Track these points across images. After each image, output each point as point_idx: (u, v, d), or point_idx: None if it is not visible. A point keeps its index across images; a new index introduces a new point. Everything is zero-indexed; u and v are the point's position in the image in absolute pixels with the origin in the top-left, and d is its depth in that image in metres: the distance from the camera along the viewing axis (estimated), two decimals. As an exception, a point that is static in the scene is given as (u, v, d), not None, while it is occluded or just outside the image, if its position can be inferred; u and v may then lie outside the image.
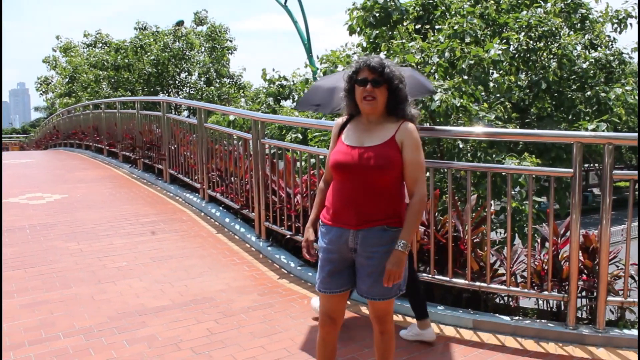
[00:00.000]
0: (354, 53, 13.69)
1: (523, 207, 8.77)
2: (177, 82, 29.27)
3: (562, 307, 3.96)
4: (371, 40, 11.65)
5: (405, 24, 11.57)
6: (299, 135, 11.53)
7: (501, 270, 4.21)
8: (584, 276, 3.91)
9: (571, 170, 3.69)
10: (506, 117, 11.18)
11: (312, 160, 5.30)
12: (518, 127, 11.60)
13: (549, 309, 4.12)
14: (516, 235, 8.52)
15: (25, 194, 8.38)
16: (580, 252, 3.83)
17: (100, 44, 29.39)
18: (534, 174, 4.35)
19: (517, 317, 3.93)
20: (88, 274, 4.95)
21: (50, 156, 15.44)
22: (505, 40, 11.21)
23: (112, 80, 27.54)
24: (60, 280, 4.77)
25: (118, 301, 4.34)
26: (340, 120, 2.79)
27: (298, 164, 5.50)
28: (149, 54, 27.13)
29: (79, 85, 27.06)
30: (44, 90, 30.85)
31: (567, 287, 3.77)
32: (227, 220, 6.53)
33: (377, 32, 11.30)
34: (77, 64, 27.70)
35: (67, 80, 28.40)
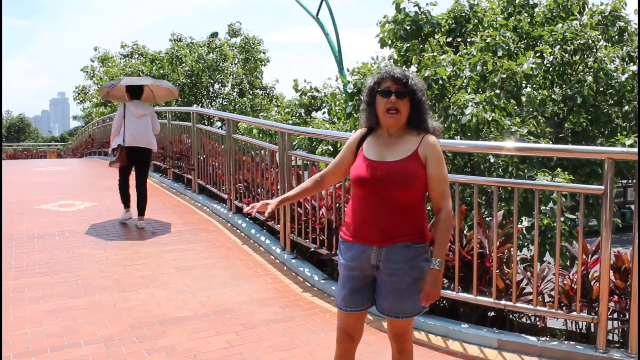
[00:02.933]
0: (385, 65, 13.65)
1: (555, 224, 8.56)
2: (210, 93, 29.59)
3: (592, 329, 3.82)
4: (402, 53, 11.59)
5: (437, 36, 11.48)
6: (330, 147, 11.51)
7: (528, 289, 4.09)
8: (615, 297, 3.76)
9: (602, 187, 3.57)
10: (539, 131, 10.97)
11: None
12: (552, 142, 11.36)
13: (577, 331, 3.98)
14: (547, 252, 8.31)
15: (57, 201, 8.53)
16: (611, 272, 3.69)
17: (137, 55, 29.95)
18: (563, 190, 4.22)
19: (543, 338, 3.80)
20: (112, 281, 4.99)
21: (85, 164, 15.74)
22: (539, 54, 11.04)
23: (147, 91, 27.94)
24: (84, 288, 4.82)
25: (140, 310, 4.35)
26: (359, 132, 2.73)
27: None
28: (183, 64, 27.54)
29: (115, 95, 27.55)
30: (81, 99, 31.53)
31: (597, 308, 3.64)
32: (252, 231, 6.52)
33: (408, 45, 11.24)
34: (114, 74, 28.24)
35: (103, 89, 28.90)
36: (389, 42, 11.68)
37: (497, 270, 3.95)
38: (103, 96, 7.95)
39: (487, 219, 8.30)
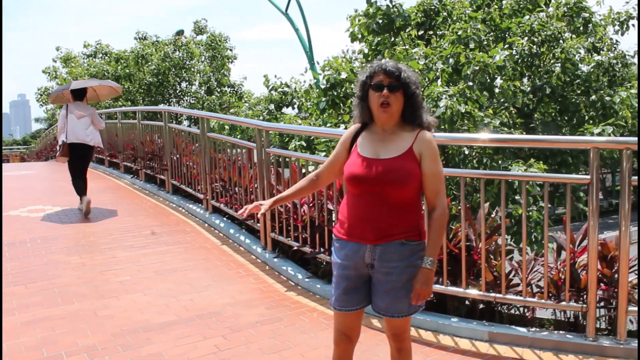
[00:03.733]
0: (356, 59, 13.63)
1: (530, 214, 8.66)
2: (177, 91, 29.20)
3: (581, 318, 3.84)
4: (373, 47, 11.58)
5: (407, 30, 11.49)
6: (303, 143, 11.44)
7: (515, 280, 4.09)
8: (603, 285, 3.78)
9: (588, 176, 3.58)
10: (511, 122, 11.09)
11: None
12: (524, 132, 11.49)
13: (566, 320, 3.99)
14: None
15: (26, 207, 8.28)
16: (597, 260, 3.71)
17: (101, 55, 29.35)
18: (549, 181, 4.21)
19: (534, 329, 3.80)
20: (90, 288, 4.83)
21: (51, 167, 15.33)
22: (508, 46, 11.14)
23: (113, 91, 27.46)
24: (62, 296, 4.65)
25: (122, 317, 4.22)
26: (353, 128, 2.66)
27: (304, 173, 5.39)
28: (149, 63, 27.10)
29: (79, 95, 26.93)
30: (44, 101, 30.79)
31: (585, 297, 3.66)
32: (231, 231, 6.41)
33: (379, 39, 11.22)
34: (78, 75, 27.62)
35: (67, 90, 28.28)
36: (360, 36, 11.66)
37: (485, 263, 3.93)
38: (52, 101, 8.80)
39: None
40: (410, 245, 2.48)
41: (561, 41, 12.24)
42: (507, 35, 12.21)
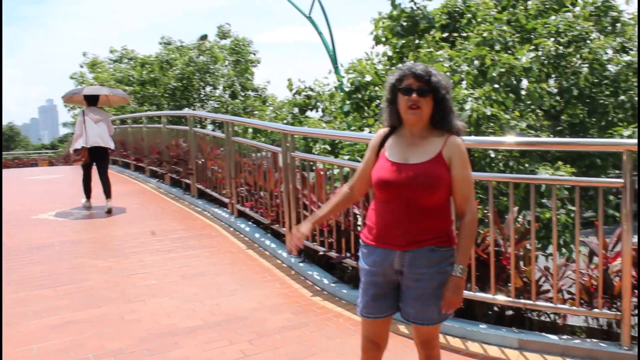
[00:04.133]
0: (379, 62, 13.58)
1: (559, 217, 8.52)
2: (202, 95, 29.40)
3: (615, 326, 3.74)
4: (397, 49, 11.52)
5: (432, 32, 11.41)
6: (327, 147, 11.41)
7: (545, 286, 4.01)
8: (637, 292, 3.68)
9: (621, 180, 3.49)
10: (538, 125, 10.93)
11: (345, 170, 5.13)
12: (551, 135, 11.32)
13: (599, 328, 3.90)
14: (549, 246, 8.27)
15: (54, 210, 8.39)
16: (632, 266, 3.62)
17: (126, 60, 29.71)
18: (581, 184, 4.10)
19: (565, 337, 3.72)
20: (117, 292, 4.86)
21: (78, 171, 15.50)
22: (535, 47, 11.00)
23: (138, 95, 27.76)
24: (89, 299, 4.69)
25: (149, 321, 4.23)
26: (382, 131, 2.63)
27: (330, 177, 5.37)
28: (174, 68, 27.34)
29: (105, 100, 27.25)
30: (71, 106, 31.25)
31: (619, 304, 3.56)
32: (257, 235, 6.41)
33: (404, 41, 11.16)
34: (104, 80, 27.97)
35: (93, 96, 28.65)
36: (384, 38, 11.61)
37: (515, 268, 3.86)
38: (66, 100, 9.44)
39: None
40: (440, 251, 2.44)
41: (588, 41, 12.04)
42: (532, 36, 12.06)
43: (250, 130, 14.71)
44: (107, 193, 8.31)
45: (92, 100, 8.61)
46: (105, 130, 8.35)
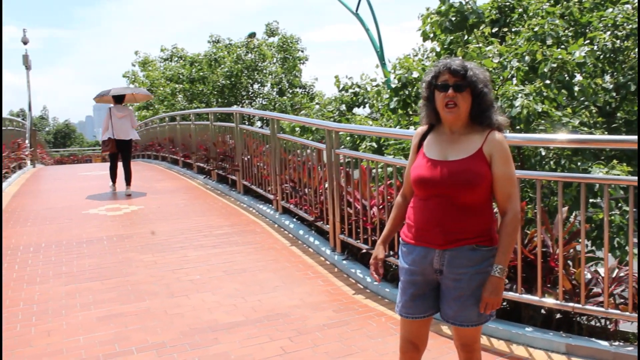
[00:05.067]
0: (427, 58, 13.38)
1: (613, 218, 8.21)
2: (250, 93, 29.71)
3: (670, 332, 3.57)
4: (445, 45, 11.32)
5: (481, 27, 11.16)
6: (374, 144, 11.31)
7: (596, 290, 3.85)
8: (695, 298, 3.50)
9: (679, 180, 3.32)
10: (591, 122, 10.56)
11: (389, 169, 5.06)
12: (605, 132, 10.92)
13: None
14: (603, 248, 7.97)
15: (105, 205, 8.60)
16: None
17: (176, 58, 30.27)
18: (634, 184, 3.90)
19: (617, 343, 3.57)
20: (162, 287, 4.94)
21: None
22: (589, 41, 10.62)
23: (188, 93, 28.27)
24: (134, 293, 4.79)
25: (191, 316, 4.28)
26: (420, 130, 2.57)
27: (374, 174, 5.32)
28: (222, 66, 27.71)
29: (156, 98, 27.89)
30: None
31: (675, 310, 3.40)
32: (300, 232, 6.41)
33: (452, 37, 10.95)
34: (155, 78, 28.59)
35: (145, 93, 29.32)
36: (432, 34, 11.42)
37: (563, 270, 3.72)
38: (97, 101, 10.62)
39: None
40: (481, 250, 2.37)
41: (648, 35, 11.55)
42: (587, 30, 11.64)
43: (297, 128, 14.73)
44: (128, 180, 9.63)
45: (118, 99, 9.81)
46: (129, 124, 9.60)
